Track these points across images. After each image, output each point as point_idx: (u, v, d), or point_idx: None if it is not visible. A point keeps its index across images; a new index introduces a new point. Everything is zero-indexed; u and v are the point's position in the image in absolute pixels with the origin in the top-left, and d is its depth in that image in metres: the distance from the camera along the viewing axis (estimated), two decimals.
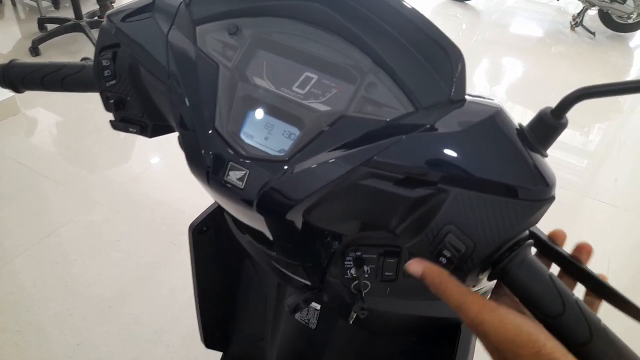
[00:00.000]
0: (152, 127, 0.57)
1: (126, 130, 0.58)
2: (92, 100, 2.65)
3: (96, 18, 3.26)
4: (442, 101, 0.40)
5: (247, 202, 0.43)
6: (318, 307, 0.79)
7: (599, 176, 2.50)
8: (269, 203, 0.42)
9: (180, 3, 0.51)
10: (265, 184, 0.42)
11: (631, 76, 3.75)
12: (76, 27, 3.03)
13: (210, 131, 0.45)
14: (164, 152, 2.26)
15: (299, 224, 0.46)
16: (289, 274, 0.68)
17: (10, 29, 3.31)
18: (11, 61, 0.67)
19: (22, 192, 1.99)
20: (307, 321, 0.81)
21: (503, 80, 3.47)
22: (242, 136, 0.45)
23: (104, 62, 0.53)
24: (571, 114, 0.37)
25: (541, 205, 0.38)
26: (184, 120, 0.46)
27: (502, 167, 0.38)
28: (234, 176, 0.43)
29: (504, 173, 0.38)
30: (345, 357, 0.86)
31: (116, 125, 0.58)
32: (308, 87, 0.44)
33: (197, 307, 0.97)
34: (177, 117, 0.47)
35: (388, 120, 0.40)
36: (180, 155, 0.47)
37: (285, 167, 0.42)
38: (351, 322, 0.67)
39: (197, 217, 0.87)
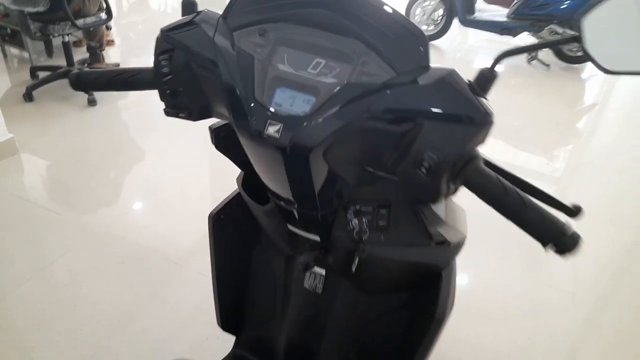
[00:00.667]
0: (198, 112, 0.74)
1: (176, 116, 0.74)
2: (85, 141, 2.78)
3: (86, 65, 3.45)
4: (414, 68, 0.58)
5: (281, 148, 0.60)
6: (323, 272, 0.94)
7: (566, 194, 2.72)
8: (297, 146, 0.59)
9: (219, 17, 0.69)
10: (294, 133, 0.59)
11: (585, 102, 4.10)
12: (68, 74, 3.18)
13: (252, 104, 0.62)
14: (162, 184, 2.40)
15: (318, 166, 0.63)
16: (301, 233, 0.83)
17: (2, 78, 3.45)
18: (81, 69, 0.82)
19: (25, 223, 2.09)
20: (314, 287, 0.95)
21: None
22: (274, 105, 0.62)
23: (163, 62, 0.70)
24: (536, 145, 0.57)
25: (485, 128, 0.56)
26: (232, 98, 0.63)
27: (457, 105, 0.56)
28: (272, 130, 0.60)
29: (458, 108, 0.56)
30: (348, 317, 1.00)
31: (169, 112, 0.74)
32: (319, 69, 0.62)
33: (215, 289, 1.10)
34: (226, 97, 0.64)
35: (378, 82, 0.58)
36: (180, 186, 0.63)
37: (309, 120, 0.59)
38: (354, 270, 0.82)
39: (216, 207, 1.02)
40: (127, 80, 0.78)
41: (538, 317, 1.79)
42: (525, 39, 4.78)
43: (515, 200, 0.53)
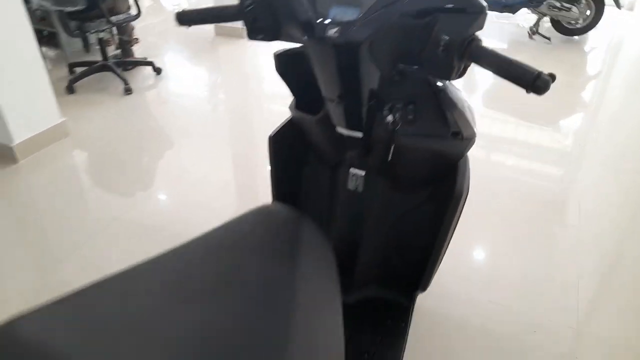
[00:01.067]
0: (272, 34, 0.99)
1: (256, 38, 1.00)
2: (125, 125, 3.04)
3: (119, 59, 3.75)
4: None
5: (339, 44, 0.85)
6: (363, 173, 1.18)
7: (578, 151, 2.94)
8: (350, 41, 0.85)
9: None
10: (348, 32, 0.84)
11: (587, 72, 4.30)
12: (104, 67, 3.50)
13: (317, 19, 0.87)
14: (190, 165, 2.67)
15: (364, 61, 0.87)
16: (347, 133, 1.07)
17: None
18: (183, 9, 1.07)
19: (81, 191, 2.37)
20: (356, 187, 1.19)
21: (479, 86, 3.95)
22: (331, 17, 0.87)
23: None
24: (547, 119, 0.81)
25: (481, 16, 0.81)
26: (302, 15, 0.88)
27: (460, 1, 0.81)
28: (332, 31, 0.85)
29: (461, 3, 0.81)
30: (385, 212, 1.24)
31: (251, 35, 1.00)
32: None
33: (273, 201, 1.35)
34: (297, 16, 0.89)
35: None
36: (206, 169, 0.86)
37: (357, 23, 0.84)
38: (389, 158, 1.06)
39: (274, 130, 1.28)
40: (219, 14, 1.04)
41: (547, 247, 2.02)
42: (526, 15, 5.00)
43: (505, 63, 0.78)
